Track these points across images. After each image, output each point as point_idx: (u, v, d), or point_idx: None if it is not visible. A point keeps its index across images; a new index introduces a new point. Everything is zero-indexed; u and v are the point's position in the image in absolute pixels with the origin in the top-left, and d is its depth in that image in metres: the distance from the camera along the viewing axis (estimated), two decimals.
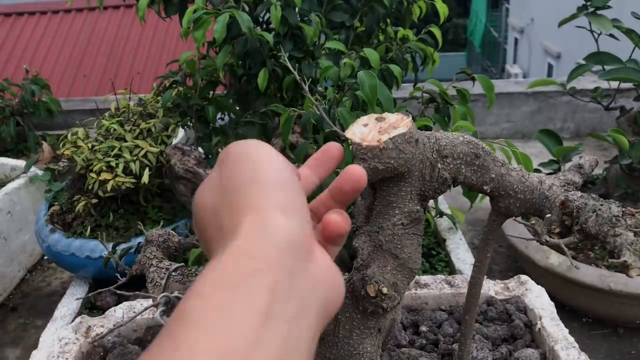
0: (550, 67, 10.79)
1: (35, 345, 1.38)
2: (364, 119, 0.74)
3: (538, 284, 1.65)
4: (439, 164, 0.74)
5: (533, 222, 0.75)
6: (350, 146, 0.71)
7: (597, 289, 1.67)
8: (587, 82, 2.87)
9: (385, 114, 0.73)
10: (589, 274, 1.66)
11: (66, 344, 1.13)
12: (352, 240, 0.78)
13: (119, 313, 1.20)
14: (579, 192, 0.74)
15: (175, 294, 0.77)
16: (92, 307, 1.69)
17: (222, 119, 1.84)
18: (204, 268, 0.76)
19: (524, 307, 1.16)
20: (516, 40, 13.98)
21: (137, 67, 5.15)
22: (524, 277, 1.23)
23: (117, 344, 1.13)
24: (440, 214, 1.79)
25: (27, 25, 5.55)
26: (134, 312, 1.20)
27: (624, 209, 0.70)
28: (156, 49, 5.24)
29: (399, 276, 0.74)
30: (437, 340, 1.08)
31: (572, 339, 1.04)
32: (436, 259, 1.73)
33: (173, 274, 0.77)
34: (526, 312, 1.15)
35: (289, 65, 1.02)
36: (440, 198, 1.95)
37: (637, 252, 0.63)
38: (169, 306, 0.75)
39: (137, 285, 1.02)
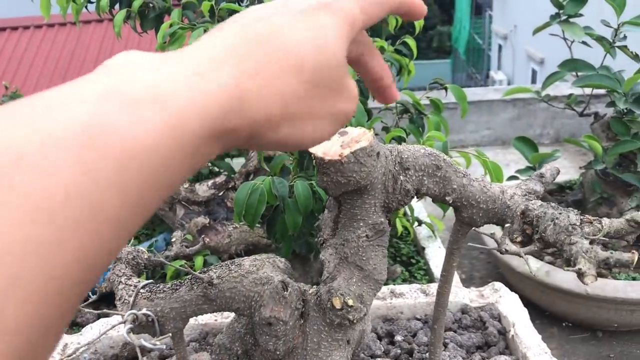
0: (534, 72, 10.89)
1: None
2: None
3: (518, 290, 1.67)
4: (401, 177, 0.75)
5: (493, 232, 0.76)
6: (314, 160, 0.72)
7: (574, 294, 1.69)
8: (565, 88, 2.91)
9: (348, 129, 0.75)
10: (566, 279, 1.68)
11: None
12: (320, 254, 0.79)
13: (95, 330, 1.20)
14: (540, 201, 0.76)
15: (144, 310, 0.77)
16: (72, 324, 1.68)
17: None
18: (172, 283, 0.76)
19: (497, 314, 1.17)
20: (500, 46, 14.11)
21: None
22: (498, 284, 1.25)
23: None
24: (419, 222, 1.81)
25: (9, 41, 5.53)
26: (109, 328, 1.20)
27: (582, 217, 0.72)
28: None
29: (364, 288, 0.75)
30: (412, 350, 1.08)
31: (544, 345, 1.05)
32: (415, 267, 1.74)
33: (141, 291, 0.77)
34: (500, 319, 1.16)
35: None
36: (419, 206, 1.96)
37: (592, 260, 0.64)
38: (137, 324, 0.75)
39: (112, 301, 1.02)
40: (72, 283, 0.23)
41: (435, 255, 1.78)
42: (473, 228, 0.79)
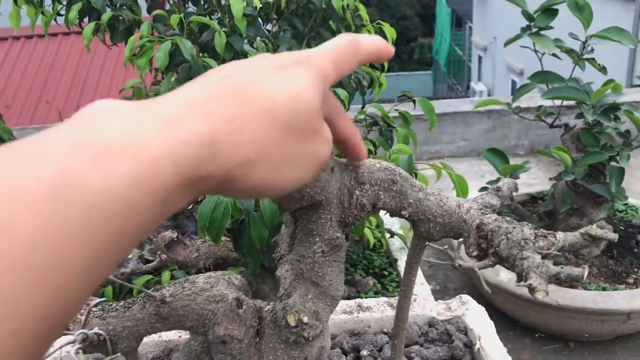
0: (514, 83, 11.03)
1: None
2: None
3: (490, 301, 1.67)
4: (357, 191, 0.74)
5: (446, 246, 0.76)
6: None
7: (545, 305, 1.69)
8: (539, 99, 2.94)
9: None
10: None
11: None
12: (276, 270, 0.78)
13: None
14: (495, 215, 0.75)
15: (95, 330, 0.76)
16: None
17: None
18: (125, 302, 0.74)
19: (464, 327, 1.16)
20: (480, 58, 14.29)
21: (101, 91, 5.11)
22: (465, 297, 1.24)
23: None
24: (392, 234, 1.80)
25: None
26: (66, 351, 1.17)
27: (536, 231, 0.72)
28: (120, 73, 5.21)
29: (320, 304, 0.74)
30: None
31: (509, 359, 1.05)
32: (388, 279, 1.73)
33: (93, 309, 0.76)
34: (466, 332, 1.16)
35: None
36: (392, 218, 1.96)
37: (543, 275, 0.64)
38: (87, 343, 0.74)
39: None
40: (34, 337, 0.23)
41: None
42: (427, 243, 0.78)
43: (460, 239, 0.78)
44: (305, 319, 0.72)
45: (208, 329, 0.74)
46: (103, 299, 0.78)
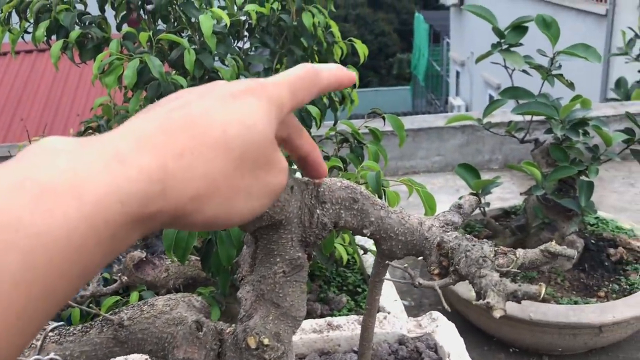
0: (491, 98, 11.16)
1: None
2: None
3: (465, 317, 1.66)
4: (317, 210, 0.74)
5: (406, 265, 0.75)
6: None
7: (518, 319, 1.70)
8: (511, 115, 2.97)
9: None
10: (509, 304, 1.69)
11: None
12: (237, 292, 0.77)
13: None
14: (455, 232, 0.75)
15: (51, 355, 0.74)
16: None
17: None
18: (82, 326, 0.72)
19: (434, 345, 1.16)
20: (458, 73, 14.46)
21: (77, 108, 5.06)
22: (435, 314, 1.24)
23: None
24: (365, 250, 1.80)
25: None
26: None
27: (496, 249, 0.72)
28: (96, 91, 5.17)
29: (281, 325, 0.73)
30: None
31: None
32: (361, 296, 1.72)
33: (50, 334, 0.74)
34: (436, 349, 1.15)
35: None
36: None
37: (501, 293, 0.64)
38: None
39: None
40: None
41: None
42: (388, 262, 0.78)
43: (422, 257, 0.78)
44: (265, 341, 0.71)
45: (167, 352, 0.73)
46: (60, 323, 0.76)
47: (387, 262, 0.80)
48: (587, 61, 1.80)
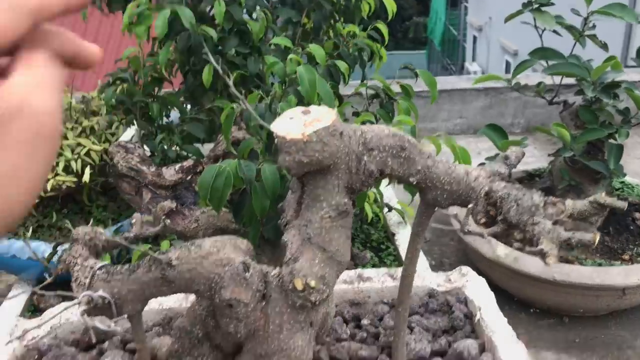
0: (507, 64, 10.98)
1: None
2: (289, 113, 0.73)
3: (487, 276, 1.67)
4: (365, 157, 0.73)
5: (456, 212, 0.75)
6: (276, 139, 0.70)
7: (542, 280, 1.70)
8: (537, 78, 2.93)
9: (312, 107, 0.73)
10: (534, 265, 1.69)
11: None
12: (283, 235, 0.77)
13: (54, 319, 1.17)
14: (504, 182, 0.75)
15: (100, 292, 0.75)
16: (35, 310, 1.64)
17: (168, 116, 1.81)
18: (129, 265, 0.73)
19: (464, 299, 1.17)
20: (475, 38, 14.19)
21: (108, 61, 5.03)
22: (465, 269, 1.25)
23: (52, 346, 1.10)
24: (389, 208, 1.80)
25: None
26: (70, 313, 1.17)
27: (546, 199, 0.71)
28: (114, 43, 5.14)
29: (327, 269, 0.74)
30: (378, 333, 1.08)
31: (509, 329, 1.06)
32: (385, 253, 1.73)
33: (98, 272, 0.75)
34: (466, 303, 1.16)
35: (213, 63, 1.01)
36: (390, 192, 1.96)
37: (554, 240, 0.64)
38: (92, 306, 0.73)
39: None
40: None
41: (405, 241, 1.77)
42: (437, 209, 0.78)
43: (467, 207, 0.77)
44: (312, 283, 0.72)
45: (214, 292, 0.73)
46: (107, 262, 0.77)
47: (432, 211, 0.80)
48: (617, 23, 1.76)
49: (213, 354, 0.80)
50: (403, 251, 1.73)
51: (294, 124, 0.70)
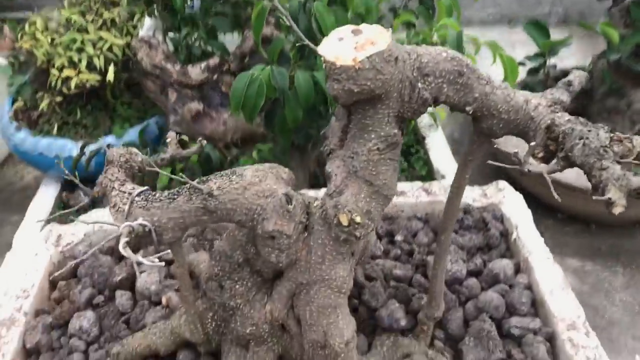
0: None
1: (9, 245, 1.38)
2: (339, 32, 0.67)
3: (516, 181, 1.64)
4: (419, 84, 0.68)
5: (517, 150, 0.70)
6: (324, 64, 0.64)
7: (573, 188, 1.67)
8: None
9: (363, 26, 0.66)
10: (568, 173, 1.65)
11: (36, 254, 1.11)
12: (326, 165, 0.74)
13: (87, 226, 1.17)
14: (567, 114, 0.69)
15: (140, 221, 0.73)
16: (65, 207, 1.66)
17: (192, 7, 1.71)
18: (169, 192, 0.71)
19: (500, 215, 1.15)
20: None
21: None
22: (502, 183, 1.21)
23: (87, 253, 1.11)
24: None
25: None
26: (103, 217, 1.17)
27: (612, 135, 0.66)
28: None
29: (373, 204, 0.71)
30: (412, 250, 1.07)
31: (547, 250, 1.04)
32: (415, 157, 1.70)
33: (136, 199, 0.73)
34: (502, 220, 1.14)
35: None
36: None
37: (623, 188, 0.60)
38: (133, 236, 0.71)
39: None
40: None
41: (436, 145, 1.73)
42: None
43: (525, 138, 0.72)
44: (357, 219, 0.69)
45: (257, 223, 0.71)
46: (146, 187, 0.75)
47: (485, 141, 0.75)
48: None
49: (253, 279, 0.80)
50: (433, 156, 1.69)
51: (344, 47, 0.64)
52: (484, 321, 0.91)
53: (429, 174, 1.65)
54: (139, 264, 0.64)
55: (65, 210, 0.90)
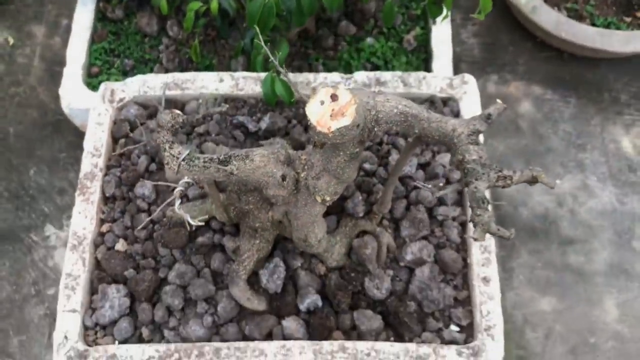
0: None
1: (56, 24, 1.71)
2: (321, 94, 0.93)
3: (506, 8, 1.79)
4: (375, 128, 0.97)
5: (432, 185, 1.02)
6: (308, 121, 0.94)
7: (551, 35, 1.87)
8: None
9: (340, 91, 0.93)
10: (548, 19, 1.84)
11: (99, 114, 1.46)
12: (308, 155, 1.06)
13: (135, 85, 1.49)
14: (478, 148, 0.98)
15: (185, 179, 1.10)
16: (103, 18, 1.89)
17: None
18: (203, 161, 1.08)
19: (457, 112, 1.45)
20: None
21: None
22: (467, 77, 1.47)
23: (138, 116, 1.47)
24: None
25: None
26: (147, 86, 1.49)
27: (499, 174, 0.98)
28: None
29: (339, 187, 1.07)
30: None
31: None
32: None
33: (182, 163, 1.07)
34: (458, 117, 1.45)
35: None
36: None
37: (485, 230, 0.95)
38: (183, 189, 1.09)
39: None
40: None
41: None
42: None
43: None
44: (327, 198, 1.07)
45: (262, 188, 1.08)
46: (187, 151, 1.08)
47: (418, 144, 1.06)
48: None
49: (260, 196, 1.20)
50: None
51: (323, 111, 0.93)
52: (419, 211, 1.33)
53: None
54: (189, 223, 1.05)
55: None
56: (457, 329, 1.26)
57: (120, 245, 1.33)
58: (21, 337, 1.74)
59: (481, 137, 1.04)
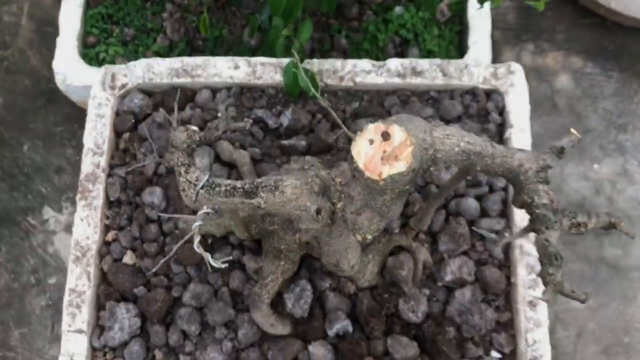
0: None
1: None
2: (370, 131, 0.78)
3: None
4: (432, 168, 0.83)
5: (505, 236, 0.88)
6: (353, 164, 0.79)
7: (598, 3, 1.68)
8: None
9: (393, 129, 0.77)
10: None
11: (99, 104, 1.30)
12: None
13: (138, 71, 1.31)
14: (549, 193, 0.84)
15: (204, 209, 0.96)
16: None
17: None
18: (226, 189, 0.93)
19: (502, 107, 1.28)
20: None
21: None
22: (514, 66, 1.30)
23: (143, 107, 1.31)
24: None
25: None
26: (153, 72, 1.32)
27: (572, 221, 0.84)
28: None
29: (382, 224, 0.93)
30: None
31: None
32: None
33: (200, 191, 0.93)
34: (503, 113, 1.29)
35: None
36: None
37: (557, 290, 0.83)
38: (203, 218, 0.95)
39: None
40: None
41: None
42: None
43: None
44: (368, 237, 0.93)
45: (295, 222, 0.95)
46: (206, 178, 0.93)
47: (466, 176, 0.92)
48: None
49: (284, 219, 1.06)
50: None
51: (373, 153, 0.78)
52: (459, 224, 1.20)
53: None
54: (210, 265, 0.92)
55: None
56: (499, 355, 1.16)
57: (129, 258, 1.21)
58: (22, 329, 1.65)
59: None
